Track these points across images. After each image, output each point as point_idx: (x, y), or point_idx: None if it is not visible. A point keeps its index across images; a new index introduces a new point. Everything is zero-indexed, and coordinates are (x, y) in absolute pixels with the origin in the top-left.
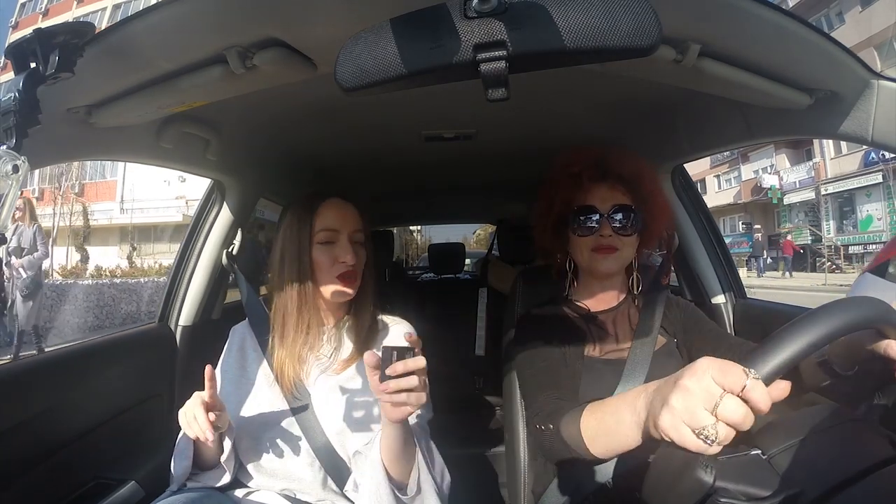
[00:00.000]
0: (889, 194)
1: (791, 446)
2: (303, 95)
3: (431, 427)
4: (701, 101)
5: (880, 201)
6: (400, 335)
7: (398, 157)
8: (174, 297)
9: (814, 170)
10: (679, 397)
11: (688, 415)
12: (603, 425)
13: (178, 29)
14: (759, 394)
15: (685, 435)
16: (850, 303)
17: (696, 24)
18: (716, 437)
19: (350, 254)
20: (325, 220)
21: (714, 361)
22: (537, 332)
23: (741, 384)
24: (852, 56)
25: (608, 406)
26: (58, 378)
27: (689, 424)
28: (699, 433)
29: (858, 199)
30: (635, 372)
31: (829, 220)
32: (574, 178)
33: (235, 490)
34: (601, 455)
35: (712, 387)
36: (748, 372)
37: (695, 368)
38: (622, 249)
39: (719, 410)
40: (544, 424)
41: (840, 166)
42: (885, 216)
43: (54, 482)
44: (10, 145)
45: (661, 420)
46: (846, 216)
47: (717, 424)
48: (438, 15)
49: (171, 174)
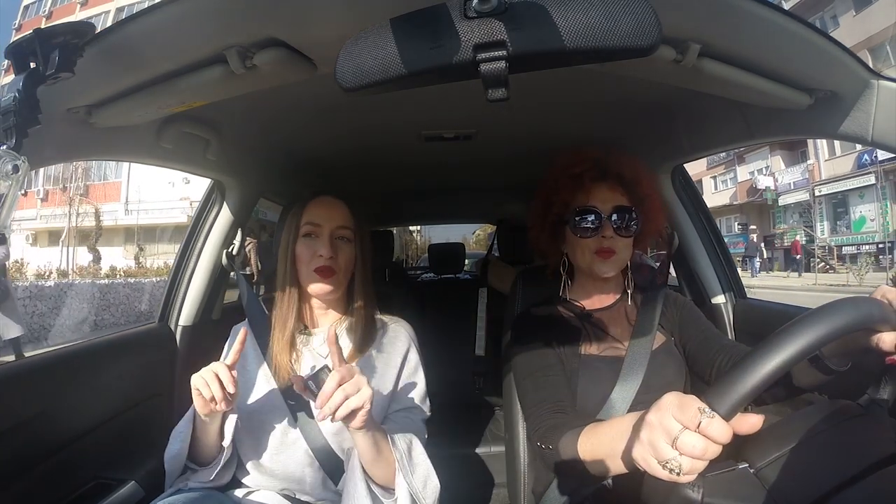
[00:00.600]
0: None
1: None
2: (303, 95)
3: (431, 427)
4: (701, 101)
5: (873, 202)
6: (400, 336)
7: (398, 157)
8: (174, 297)
9: (808, 171)
10: (645, 431)
11: (652, 448)
12: (599, 450)
13: (178, 29)
14: (716, 429)
15: (653, 466)
16: (799, 325)
17: (696, 24)
18: (680, 469)
19: (326, 248)
20: (310, 215)
21: (676, 397)
22: (533, 333)
23: (696, 421)
24: (852, 56)
25: (604, 432)
26: (58, 378)
27: (655, 457)
28: (664, 465)
29: (852, 201)
30: (633, 370)
31: (823, 221)
32: (575, 179)
33: (235, 490)
34: (598, 475)
35: (671, 423)
36: (702, 410)
37: (659, 404)
38: (620, 252)
39: (678, 445)
40: (544, 443)
41: (834, 168)
42: (878, 217)
43: (54, 482)
44: (10, 145)
45: (633, 452)
46: (840, 217)
47: (680, 458)
48: (438, 15)
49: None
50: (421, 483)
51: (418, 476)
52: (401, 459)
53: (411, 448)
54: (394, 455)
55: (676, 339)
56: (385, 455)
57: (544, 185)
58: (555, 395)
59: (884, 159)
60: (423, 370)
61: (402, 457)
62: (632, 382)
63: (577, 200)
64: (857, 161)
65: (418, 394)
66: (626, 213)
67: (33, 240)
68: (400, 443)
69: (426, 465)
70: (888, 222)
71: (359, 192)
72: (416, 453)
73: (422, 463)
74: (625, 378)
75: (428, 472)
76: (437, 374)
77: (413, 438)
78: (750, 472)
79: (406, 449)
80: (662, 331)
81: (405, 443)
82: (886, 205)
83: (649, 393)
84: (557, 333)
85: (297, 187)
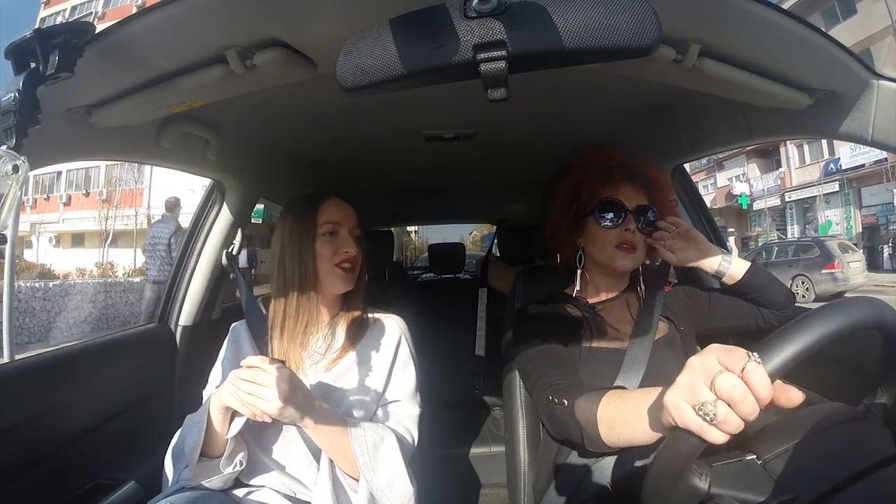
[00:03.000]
0: (846, 202)
1: (786, 450)
2: (303, 95)
3: (431, 427)
4: (701, 101)
5: (838, 208)
6: (391, 329)
7: (398, 158)
8: (174, 297)
9: (780, 178)
10: (684, 374)
11: (688, 391)
12: (621, 414)
13: (178, 29)
14: (759, 378)
15: (685, 412)
16: (858, 302)
17: (696, 24)
18: (714, 414)
19: (352, 245)
20: (329, 214)
21: (722, 345)
22: (535, 327)
23: (741, 364)
24: (852, 56)
25: (630, 397)
26: (58, 378)
27: (690, 401)
28: (699, 409)
29: (819, 206)
30: (635, 363)
31: (794, 224)
32: (605, 173)
33: (235, 490)
34: (612, 443)
35: (713, 364)
36: (750, 354)
37: (703, 351)
38: (639, 249)
39: (717, 384)
40: (558, 398)
41: (804, 175)
42: (842, 221)
43: (54, 482)
44: (10, 145)
45: (666, 397)
46: (809, 221)
47: (716, 402)
48: (438, 15)
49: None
50: (385, 482)
51: (382, 475)
52: (362, 455)
53: (379, 446)
54: (355, 451)
55: (687, 329)
56: (346, 452)
57: (570, 176)
58: (560, 362)
59: (847, 168)
60: (414, 364)
61: (364, 452)
62: (633, 375)
63: (605, 193)
64: (824, 169)
65: (408, 388)
66: (648, 213)
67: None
68: (367, 439)
69: (395, 465)
70: (851, 226)
71: (359, 192)
72: (384, 451)
73: (390, 462)
74: (626, 370)
75: (396, 472)
76: (437, 373)
77: (387, 435)
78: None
79: (372, 445)
80: (667, 322)
81: (374, 439)
82: (849, 210)
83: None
84: (559, 327)
85: (297, 187)
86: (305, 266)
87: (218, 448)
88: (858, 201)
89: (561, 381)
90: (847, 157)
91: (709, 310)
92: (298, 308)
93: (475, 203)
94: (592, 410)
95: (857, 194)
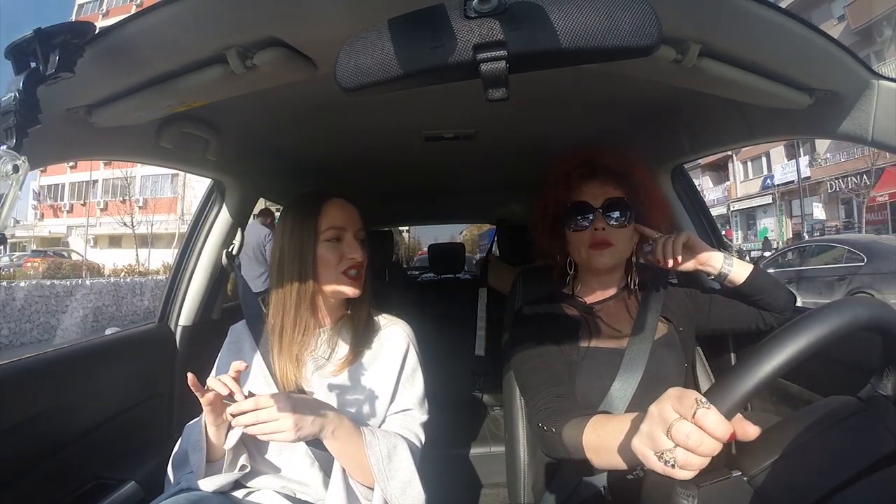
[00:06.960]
0: (779, 212)
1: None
2: (303, 96)
3: (431, 427)
4: (701, 101)
5: (773, 217)
6: (399, 338)
7: (398, 158)
8: (174, 297)
9: (726, 190)
10: (645, 422)
11: (649, 439)
12: (604, 442)
13: (178, 29)
14: (711, 421)
15: (650, 458)
16: (802, 326)
17: (696, 24)
18: (674, 461)
19: (359, 251)
20: (332, 218)
21: (677, 390)
22: (534, 327)
23: (692, 410)
24: (852, 56)
25: (611, 424)
26: (58, 378)
27: (652, 448)
28: (660, 457)
29: (758, 215)
30: (634, 363)
31: (738, 231)
32: (565, 178)
33: (235, 490)
34: (602, 467)
35: (669, 412)
36: (699, 401)
37: (661, 397)
38: (617, 244)
39: (672, 433)
40: (546, 426)
41: (747, 188)
42: (776, 228)
43: (54, 482)
44: (10, 145)
45: (633, 443)
46: (750, 227)
47: (675, 449)
48: (438, 15)
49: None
50: (398, 489)
51: (396, 482)
52: (377, 464)
53: (393, 453)
54: (370, 460)
55: (686, 330)
56: (360, 460)
57: (541, 188)
58: (554, 379)
59: (779, 183)
60: (421, 372)
61: (379, 461)
62: (632, 375)
63: (569, 197)
64: (763, 183)
65: (416, 396)
66: (619, 204)
67: (94, 242)
68: (381, 446)
69: (408, 472)
70: (783, 233)
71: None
72: (397, 458)
73: (403, 469)
74: (625, 370)
75: (409, 479)
76: (437, 374)
77: (399, 443)
78: (743, 480)
79: (386, 454)
80: (667, 322)
81: (388, 447)
82: (781, 219)
83: (649, 386)
84: (558, 327)
85: (296, 187)
86: (305, 272)
87: (219, 455)
88: (790, 211)
89: (550, 405)
90: (779, 174)
91: (709, 312)
92: (297, 316)
93: (475, 203)
94: (578, 438)
95: (788, 206)
